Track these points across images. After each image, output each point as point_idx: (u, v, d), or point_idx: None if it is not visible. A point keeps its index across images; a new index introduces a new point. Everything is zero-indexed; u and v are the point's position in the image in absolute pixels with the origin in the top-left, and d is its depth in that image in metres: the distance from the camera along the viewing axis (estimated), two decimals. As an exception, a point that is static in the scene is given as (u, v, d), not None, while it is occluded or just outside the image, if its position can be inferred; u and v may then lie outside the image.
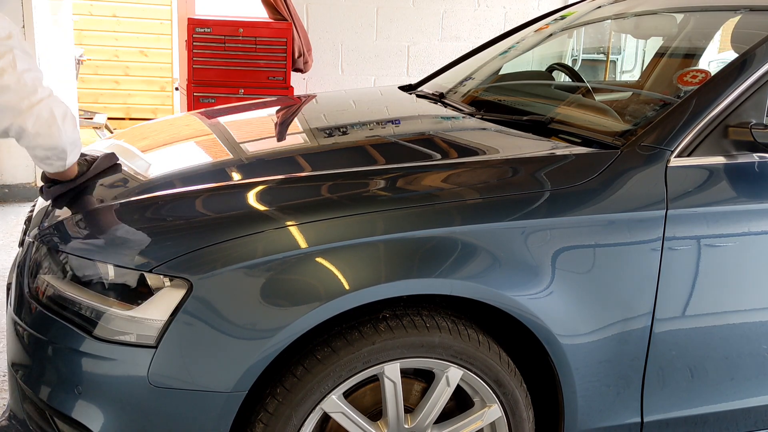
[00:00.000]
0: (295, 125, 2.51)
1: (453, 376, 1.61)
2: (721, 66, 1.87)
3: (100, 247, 1.58)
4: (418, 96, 2.70)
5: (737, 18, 2.34)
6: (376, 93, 3.23)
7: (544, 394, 1.74)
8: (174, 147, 2.26)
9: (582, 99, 2.47)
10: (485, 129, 2.12)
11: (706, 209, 1.69)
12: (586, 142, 1.85)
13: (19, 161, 4.78)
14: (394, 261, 1.52)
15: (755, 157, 1.75)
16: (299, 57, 4.91)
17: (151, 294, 1.48)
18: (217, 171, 1.91)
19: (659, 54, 2.89)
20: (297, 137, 2.19)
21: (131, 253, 1.52)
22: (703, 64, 2.67)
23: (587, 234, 1.62)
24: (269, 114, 2.72)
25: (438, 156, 1.93)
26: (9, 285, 1.81)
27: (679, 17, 2.74)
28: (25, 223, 1.97)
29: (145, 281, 1.49)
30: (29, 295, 1.64)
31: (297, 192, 1.68)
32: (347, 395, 1.58)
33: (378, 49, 5.43)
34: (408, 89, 2.88)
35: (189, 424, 1.47)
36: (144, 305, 1.47)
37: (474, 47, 3.08)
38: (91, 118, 6.18)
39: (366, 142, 2.10)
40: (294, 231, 1.52)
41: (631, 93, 2.70)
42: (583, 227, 1.62)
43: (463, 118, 2.27)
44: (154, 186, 1.83)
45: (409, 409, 1.65)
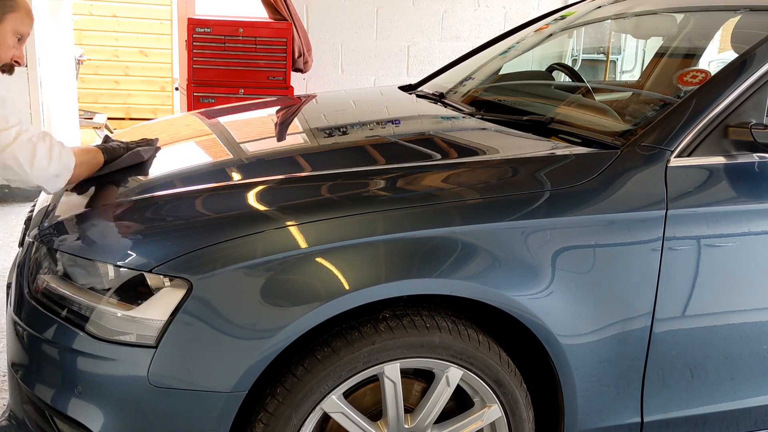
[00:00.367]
0: (295, 125, 2.51)
1: (453, 376, 1.61)
2: (721, 66, 1.87)
3: (100, 247, 1.59)
4: (418, 96, 2.70)
5: (737, 18, 2.34)
6: (376, 93, 3.23)
7: (544, 394, 1.74)
8: (174, 147, 2.25)
9: (582, 99, 2.47)
10: (485, 129, 2.12)
11: (706, 209, 1.69)
12: (586, 142, 1.85)
13: (19, 161, 4.77)
14: (394, 261, 1.52)
15: (755, 157, 1.75)
16: (299, 57, 4.91)
17: (151, 294, 1.48)
18: (217, 171, 1.91)
19: (659, 54, 2.88)
20: (297, 137, 2.19)
21: (131, 253, 1.52)
22: (703, 64, 2.67)
23: (587, 234, 1.62)
24: (269, 114, 2.72)
25: (438, 156, 1.93)
26: (9, 285, 1.81)
27: (679, 17, 2.74)
28: (25, 223, 1.97)
29: (145, 281, 1.49)
30: (29, 295, 1.64)
31: (297, 192, 1.68)
32: (347, 395, 1.58)
33: (378, 49, 5.42)
34: (408, 89, 2.88)
35: (189, 424, 1.47)
36: (144, 305, 1.47)
37: (474, 47, 3.08)
38: (91, 118, 6.18)
39: (366, 142, 2.10)
40: (294, 231, 1.52)
41: (631, 93, 2.70)
42: (583, 227, 1.62)
43: (463, 118, 2.27)
44: (154, 186, 1.83)
45: (409, 409, 1.65)
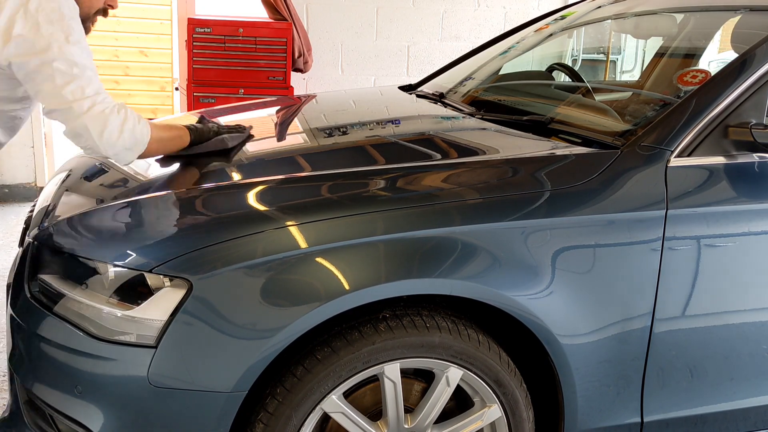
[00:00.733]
0: (295, 125, 2.51)
1: (453, 376, 1.61)
2: (721, 66, 1.87)
3: (100, 247, 1.58)
4: (418, 96, 2.70)
5: (737, 18, 2.34)
6: (376, 93, 3.22)
7: (544, 394, 1.74)
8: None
9: (582, 99, 2.47)
10: (485, 129, 2.12)
11: (706, 209, 1.69)
12: (586, 142, 1.85)
13: (19, 161, 4.78)
14: (394, 261, 1.52)
15: (755, 157, 1.75)
16: (299, 57, 4.90)
17: (151, 294, 1.48)
18: (217, 171, 1.91)
19: (659, 54, 2.88)
20: (297, 137, 2.19)
21: (131, 253, 1.52)
22: (703, 64, 2.67)
23: (587, 234, 1.62)
24: (269, 114, 2.72)
25: (438, 156, 1.93)
26: (9, 285, 1.81)
27: (679, 17, 2.74)
28: (25, 223, 1.97)
29: (145, 281, 1.49)
30: (29, 295, 1.64)
31: (297, 192, 1.68)
32: (347, 395, 1.58)
33: (378, 49, 5.42)
34: (408, 89, 2.88)
35: (189, 424, 1.47)
36: (144, 305, 1.47)
37: (474, 47, 3.08)
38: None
39: (366, 142, 2.10)
40: (294, 231, 1.52)
41: (631, 93, 2.70)
42: (583, 227, 1.62)
43: (463, 118, 2.27)
44: (153, 186, 1.83)
45: (409, 409, 1.65)
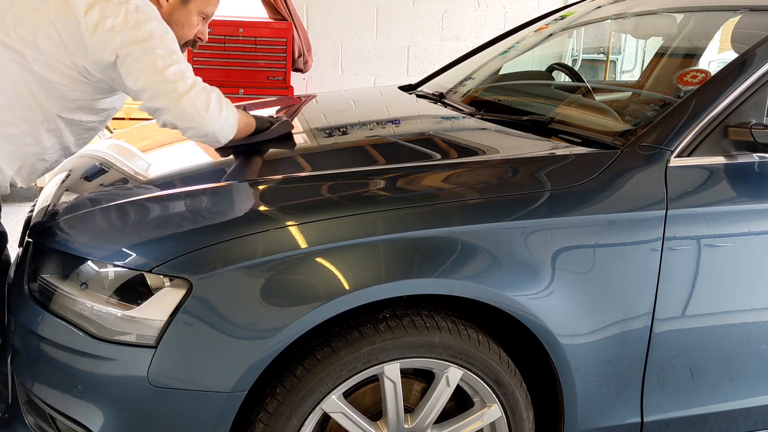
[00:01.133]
0: (295, 125, 2.50)
1: (453, 376, 1.61)
2: (721, 66, 1.87)
3: (100, 247, 1.58)
4: (418, 96, 2.70)
5: (737, 18, 2.34)
6: (376, 93, 3.23)
7: (544, 394, 1.74)
8: (174, 147, 2.25)
9: (582, 99, 2.47)
10: (485, 129, 2.12)
11: (706, 209, 1.69)
12: (586, 142, 1.85)
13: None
14: (394, 261, 1.52)
15: (755, 157, 1.75)
16: (299, 57, 4.91)
17: (151, 294, 1.48)
18: (217, 171, 1.91)
19: (659, 54, 2.88)
20: (297, 137, 2.19)
21: (131, 253, 1.52)
22: (703, 64, 2.67)
23: (587, 234, 1.62)
24: (269, 114, 2.72)
25: (438, 156, 1.93)
26: (9, 285, 1.81)
27: (679, 17, 2.74)
28: (25, 223, 1.97)
29: (145, 281, 1.49)
30: (29, 295, 1.64)
31: (297, 192, 1.68)
32: (347, 395, 1.58)
33: (378, 49, 5.43)
34: (408, 89, 2.88)
35: (189, 424, 1.47)
36: (144, 305, 1.47)
37: (474, 47, 3.08)
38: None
39: (366, 142, 2.10)
40: (294, 231, 1.52)
41: (631, 93, 2.70)
42: (583, 227, 1.62)
43: (463, 118, 2.27)
44: (153, 186, 1.83)
45: (409, 409, 1.65)
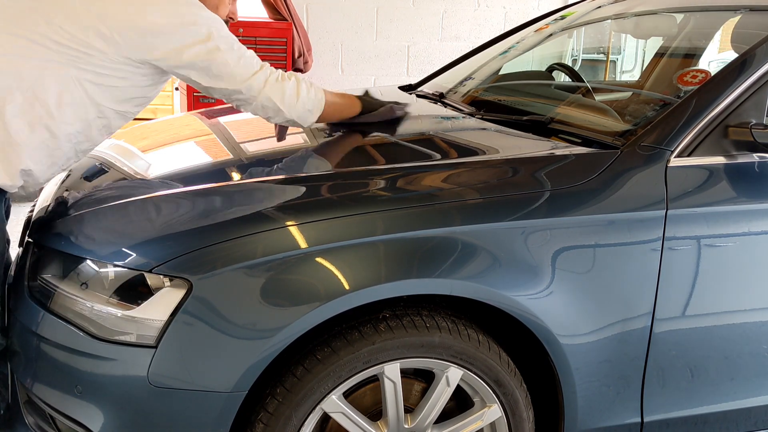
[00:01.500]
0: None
1: (453, 376, 1.61)
2: (721, 66, 1.87)
3: (100, 247, 1.58)
4: (418, 96, 2.70)
5: (737, 18, 2.34)
6: (376, 93, 3.22)
7: (544, 394, 1.74)
8: (174, 147, 2.26)
9: (582, 99, 2.47)
10: (485, 129, 2.12)
11: (706, 209, 1.69)
12: (586, 142, 1.85)
13: (19, 161, 4.76)
14: (394, 261, 1.52)
15: (755, 157, 1.75)
16: (299, 57, 4.91)
17: (151, 294, 1.48)
18: (217, 171, 1.91)
19: (659, 54, 2.88)
20: (297, 137, 2.19)
21: (131, 253, 1.52)
22: (703, 64, 2.67)
23: (587, 234, 1.62)
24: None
25: (438, 156, 1.93)
26: (9, 285, 1.81)
27: (679, 17, 2.74)
28: (25, 223, 1.97)
29: (145, 281, 1.49)
30: (29, 295, 1.64)
31: (297, 192, 1.68)
32: (347, 395, 1.58)
33: (378, 49, 5.43)
34: (408, 89, 2.88)
35: (189, 424, 1.47)
36: (144, 305, 1.47)
37: (474, 47, 3.08)
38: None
39: (366, 142, 2.10)
40: (294, 231, 1.52)
41: (631, 93, 2.70)
42: (583, 227, 1.62)
43: (463, 118, 2.27)
44: (153, 186, 1.83)
45: (409, 409, 1.65)
